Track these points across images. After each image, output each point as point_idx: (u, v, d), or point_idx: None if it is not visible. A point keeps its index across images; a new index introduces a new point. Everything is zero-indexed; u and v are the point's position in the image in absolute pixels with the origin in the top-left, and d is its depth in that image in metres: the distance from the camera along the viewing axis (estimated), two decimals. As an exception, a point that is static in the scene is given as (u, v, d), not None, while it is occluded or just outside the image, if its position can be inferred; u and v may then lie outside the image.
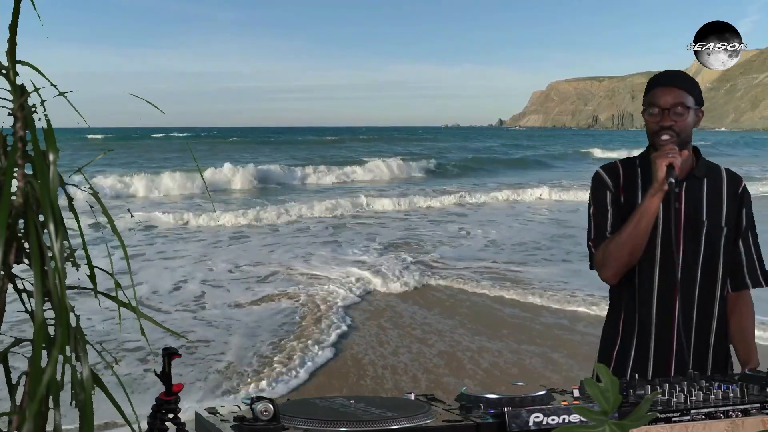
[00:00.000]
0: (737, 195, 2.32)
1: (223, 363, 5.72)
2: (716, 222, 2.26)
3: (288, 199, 17.76)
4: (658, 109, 2.23)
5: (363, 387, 5.24)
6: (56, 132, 0.81)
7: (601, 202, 2.32)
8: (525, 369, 5.66)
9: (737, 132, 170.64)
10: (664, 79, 2.27)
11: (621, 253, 2.19)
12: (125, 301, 0.90)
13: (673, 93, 2.23)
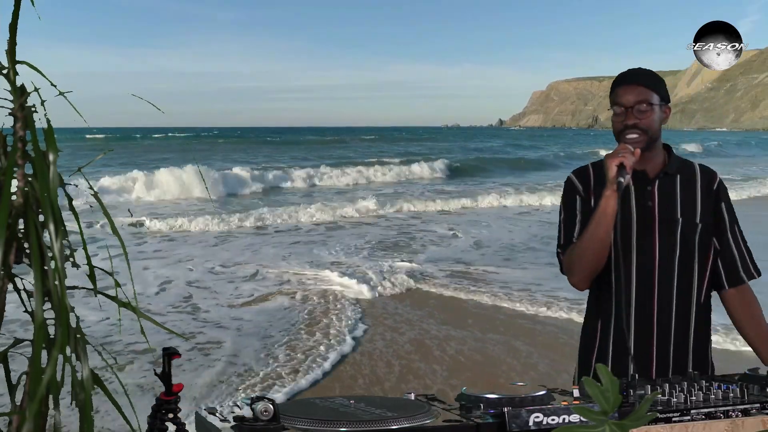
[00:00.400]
0: (712, 190, 2.28)
1: (232, 365, 5.72)
2: (690, 219, 2.23)
3: (282, 202, 17.63)
4: (622, 107, 2.20)
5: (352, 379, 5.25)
6: (56, 132, 0.81)
7: (570, 207, 2.30)
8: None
9: (738, 132, 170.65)
10: (627, 78, 2.25)
11: (584, 259, 2.18)
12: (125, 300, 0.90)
13: (636, 91, 2.20)
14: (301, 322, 6.94)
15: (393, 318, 7.11)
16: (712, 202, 2.27)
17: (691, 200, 2.25)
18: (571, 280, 2.26)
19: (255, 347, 6.18)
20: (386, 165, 28.26)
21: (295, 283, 8.57)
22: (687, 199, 2.24)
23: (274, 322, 6.94)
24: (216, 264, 9.76)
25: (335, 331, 6.54)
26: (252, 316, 7.17)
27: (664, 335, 2.19)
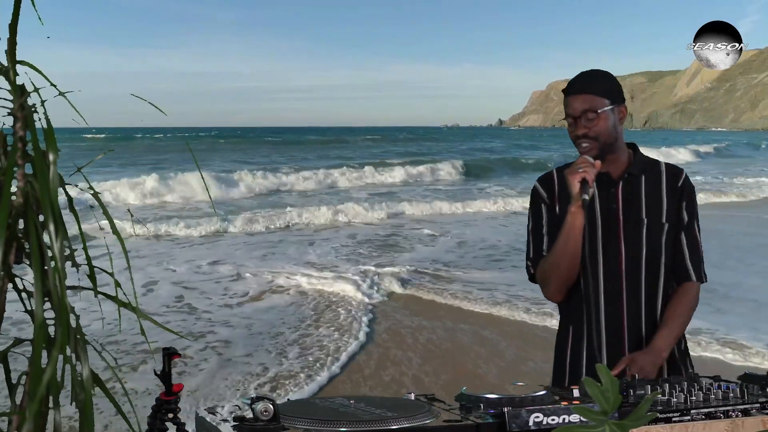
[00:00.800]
0: (677, 189, 2.24)
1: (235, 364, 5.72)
2: (656, 219, 2.20)
3: (277, 203, 17.49)
4: (571, 118, 2.18)
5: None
6: (56, 132, 0.81)
7: (537, 216, 2.28)
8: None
9: (739, 132, 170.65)
10: (574, 87, 2.20)
11: (556, 273, 2.17)
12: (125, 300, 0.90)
13: (581, 99, 2.16)
14: (296, 323, 6.94)
15: (392, 319, 7.11)
16: (677, 200, 2.23)
17: (656, 200, 2.22)
18: (545, 292, 2.25)
19: (257, 346, 6.17)
20: (388, 166, 27.66)
21: (282, 286, 8.46)
22: (652, 199, 2.21)
23: (268, 324, 6.93)
24: (201, 265, 9.70)
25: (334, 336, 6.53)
26: (241, 319, 7.15)
27: (635, 339, 2.16)
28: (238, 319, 7.06)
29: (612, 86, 2.19)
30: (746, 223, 14.25)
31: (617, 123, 2.19)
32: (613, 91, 2.18)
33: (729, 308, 7.23)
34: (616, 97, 2.18)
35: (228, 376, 5.43)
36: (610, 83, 2.20)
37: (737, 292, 7.96)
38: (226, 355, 5.93)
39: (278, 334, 6.54)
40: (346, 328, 6.69)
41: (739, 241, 11.55)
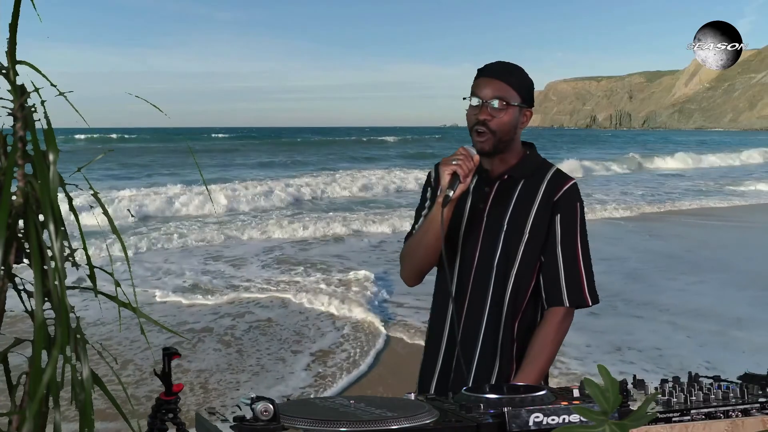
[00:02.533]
0: (551, 201, 2.08)
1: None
2: (518, 227, 2.07)
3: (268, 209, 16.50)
4: (478, 99, 2.05)
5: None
6: (55, 132, 0.81)
7: (422, 198, 2.25)
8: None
9: (738, 132, 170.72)
10: (491, 70, 2.08)
11: (411, 258, 2.12)
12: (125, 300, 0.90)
13: (496, 85, 2.04)
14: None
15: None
16: (549, 212, 2.08)
17: (525, 208, 2.08)
18: (401, 273, 2.22)
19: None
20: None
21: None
22: (521, 206, 2.08)
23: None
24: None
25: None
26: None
27: (470, 349, 2.09)
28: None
29: (528, 85, 2.10)
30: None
31: (519, 124, 2.11)
32: (527, 89, 2.10)
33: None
34: (528, 98, 2.10)
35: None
36: (526, 81, 2.10)
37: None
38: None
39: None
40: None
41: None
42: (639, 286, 8.47)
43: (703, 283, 8.51)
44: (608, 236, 11.97)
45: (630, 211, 15.69)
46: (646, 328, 6.74)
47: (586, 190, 20.00)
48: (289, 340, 6.33)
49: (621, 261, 9.87)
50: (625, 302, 7.62)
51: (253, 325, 6.83)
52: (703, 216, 15.13)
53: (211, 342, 6.28)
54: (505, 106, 2.04)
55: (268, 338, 6.39)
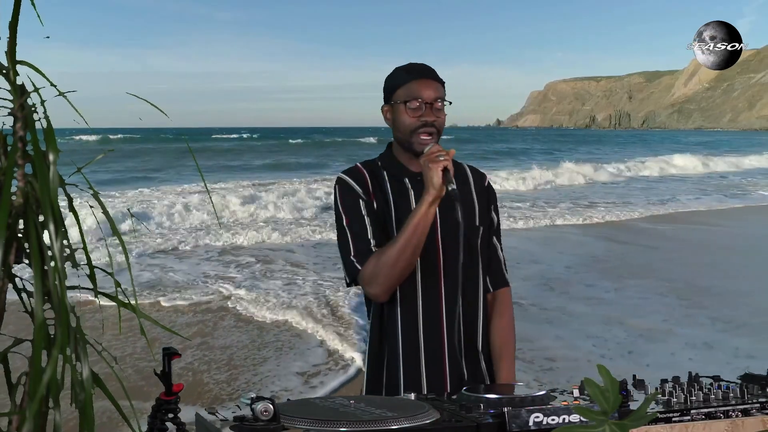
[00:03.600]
0: (484, 190, 2.21)
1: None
2: (471, 222, 2.15)
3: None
4: (420, 102, 2.06)
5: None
6: (55, 132, 0.81)
7: (354, 211, 2.11)
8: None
9: (737, 131, 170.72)
10: (426, 72, 2.10)
11: (396, 267, 2.01)
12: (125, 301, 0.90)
13: (435, 86, 2.09)
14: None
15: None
16: (486, 202, 2.21)
17: (469, 203, 2.16)
18: (373, 290, 2.06)
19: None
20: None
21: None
22: (465, 202, 2.12)
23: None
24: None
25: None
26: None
27: (453, 348, 2.10)
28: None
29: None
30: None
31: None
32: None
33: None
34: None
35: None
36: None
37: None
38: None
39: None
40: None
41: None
42: (556, 292, 8.30)
43: (620, 291, 8.26)
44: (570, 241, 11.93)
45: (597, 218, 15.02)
46: (551, 334, 6.59)
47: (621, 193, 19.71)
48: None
49: (549, 266, 9.77)
50: (537, 307, 7.50)
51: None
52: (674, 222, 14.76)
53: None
54: (442, 107, 2.10)
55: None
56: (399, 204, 2.13)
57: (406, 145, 2.13)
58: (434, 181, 1.96)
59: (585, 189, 22.44)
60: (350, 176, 2.16)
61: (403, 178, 2.16)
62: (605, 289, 8.35)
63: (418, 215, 1.98)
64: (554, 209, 16.32)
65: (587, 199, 19.06)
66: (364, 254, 2.07)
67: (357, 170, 2.19)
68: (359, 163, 2.23)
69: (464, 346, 2.12)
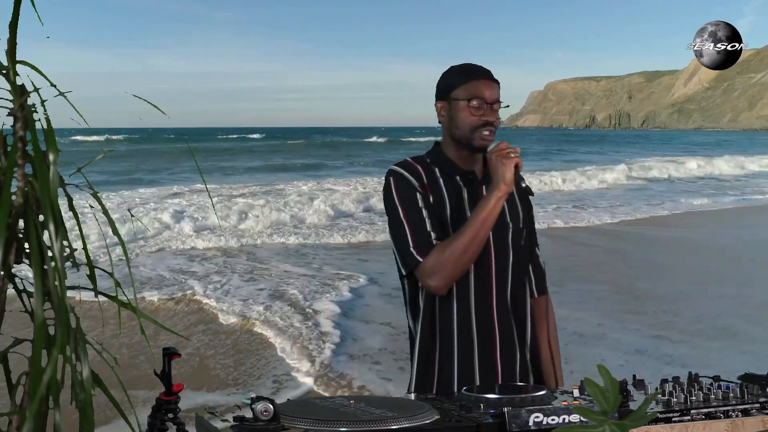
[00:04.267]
0: (523, 194, 2.21)
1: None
2: (517, 224, 2.19)
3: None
4: (483, 102, 2.10)
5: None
6: (55, 132, 0.81)
7: (412, 203, 2.10)
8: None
9: (737, 131, 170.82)
10: (487, 73, 2.15)
11: (461, 260, 2.02)
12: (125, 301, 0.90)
13: (495, 88, 2.13)
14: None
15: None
16: (527, 206, 2.24)
17: (513, 205, 2.20)
18: (434, 282, 2.05)
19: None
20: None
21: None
22: (510, 204, 2.17)
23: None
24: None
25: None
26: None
27: (504, 343, 2.13)
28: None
29: None
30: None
31: None
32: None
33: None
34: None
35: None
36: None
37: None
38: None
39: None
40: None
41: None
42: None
43: (558, 294, 7.78)
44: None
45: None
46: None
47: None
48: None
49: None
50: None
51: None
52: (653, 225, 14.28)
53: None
54: (499, 108, 2.14)
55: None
56: (452, 200, 2.14)
57: (463, 143, 2.14)
58: (507, 177, 2.00)
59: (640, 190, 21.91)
60: (404, 169, 2.17)
61: (455, 176, 2.17)
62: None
63: (487, 209, 2.01)
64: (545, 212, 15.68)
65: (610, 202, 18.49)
66: (424, 246, 2.06)
67: (410, 164, 2.19)
68: (409, 158, 2.24)
69: (517, 342, 2.16)
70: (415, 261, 2.06)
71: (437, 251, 2.04)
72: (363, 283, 8.54)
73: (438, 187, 2.14)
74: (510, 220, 2.14)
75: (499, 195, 2.01)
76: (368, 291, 8.21)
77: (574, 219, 14.33)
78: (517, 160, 2.02)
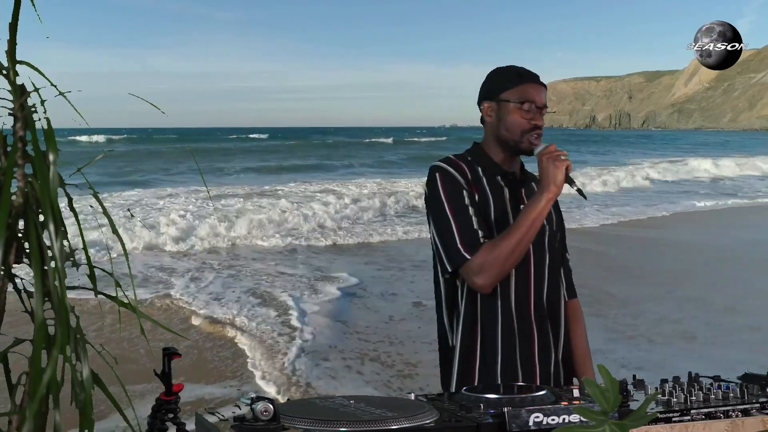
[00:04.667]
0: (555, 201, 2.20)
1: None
2: (552, 227, 2.22)
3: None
4: (534, 105, 2.13)
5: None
6: (55, 132, 0.81)
7: (458, 200, 2.10)
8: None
9: (737, 131, 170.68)
10: (537, 77, 2.17)
11: (509, 260, 2.04)
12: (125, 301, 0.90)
13: (544, 92, 2.17)
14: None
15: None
16: (557, 210, 2.28)
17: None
18: (480, 281, 2.05)
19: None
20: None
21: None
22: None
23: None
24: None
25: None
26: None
27: (542, 341, 2.16)
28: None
29: None
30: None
31: None
32: None
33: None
34: None
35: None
36: None
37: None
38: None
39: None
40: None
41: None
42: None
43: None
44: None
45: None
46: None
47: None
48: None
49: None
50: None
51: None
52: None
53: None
54: (545, 113, 2.18)
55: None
56: (496, 200, 2.15)
57: (510, 144, 2.17)
58: (558, 179, 2.03)
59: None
60: (450, 165, 2.17)
61: (496, 176, 2.19)
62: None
63: (537, 209, 2.03)
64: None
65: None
66: (472, 244, 2.06)
67: (454, 161, 2.19)
68: (453, 155, 2.23)
69: (552, 342, 2.18)
70: (462, 258, 2.05)
71: (486, 249, 2.04)
72: (349, 283, 8.54)
73: (482, 186, 2.15)
74: (546, 222, 2.15)
75: (549, 197, 2.04)
76: (356, 292, 8.21)
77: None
78: (568, 163, 2.04)
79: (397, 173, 27.21)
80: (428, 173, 2.18)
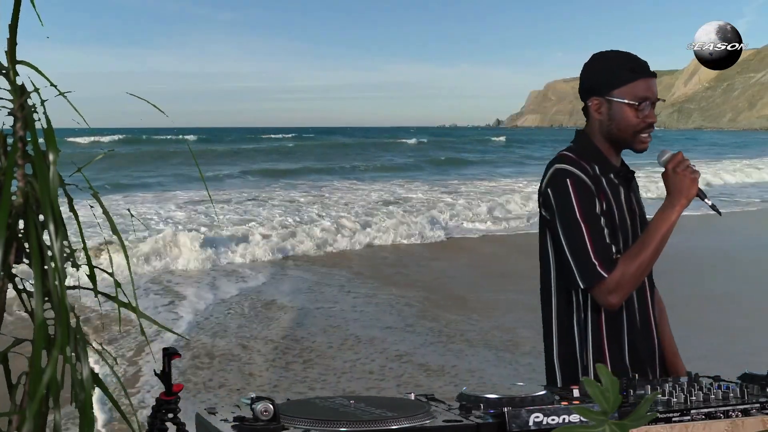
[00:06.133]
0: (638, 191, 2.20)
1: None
2: (646, 221, 2.14)
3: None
4: (647, 102, 1.99)
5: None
6: (55, 132, 0.81)
7: (591, 210, 1.96)
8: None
9: (737, 131, 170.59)
10: (647, 69, 2.02)
11: (643, 275, 1.98)
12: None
13: (655, 84, 2.02)
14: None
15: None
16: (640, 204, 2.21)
17: (641, 203, 2.18)
18: (614, 299, 1.93)
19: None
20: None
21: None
22: (639, 205, 2.16)
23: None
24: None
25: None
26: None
27: (656, 336, 2.16)
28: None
29: None
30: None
31: None
32: None
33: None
34: None
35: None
36: None
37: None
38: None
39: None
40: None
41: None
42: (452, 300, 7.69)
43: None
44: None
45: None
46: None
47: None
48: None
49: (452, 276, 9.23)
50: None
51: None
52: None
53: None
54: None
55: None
56: (617, 203, 2.05)
57: (621, 144, 2.06)
58: (691, 193, 1.96)
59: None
60: (578, 169, 2.00)
61: (610, 173, 2.06)
62: (481, 297, 7.81)
63: (668, 224, 1.96)
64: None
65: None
66: (607, 260, 1.93)
67: (578, 162, 2.02)
68: (570, 154, 2.06)
69: (657, 338, 2.16)
70: (599, 276, 1.92)
71: (622, 266, 1.92)
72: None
73: (603, 189, 2.02)
74: (641, 220, 2.11)
75: (680, 211, 1.96)
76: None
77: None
78: (698, 176, 1.98)
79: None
80: (553, 176, 2.01)
